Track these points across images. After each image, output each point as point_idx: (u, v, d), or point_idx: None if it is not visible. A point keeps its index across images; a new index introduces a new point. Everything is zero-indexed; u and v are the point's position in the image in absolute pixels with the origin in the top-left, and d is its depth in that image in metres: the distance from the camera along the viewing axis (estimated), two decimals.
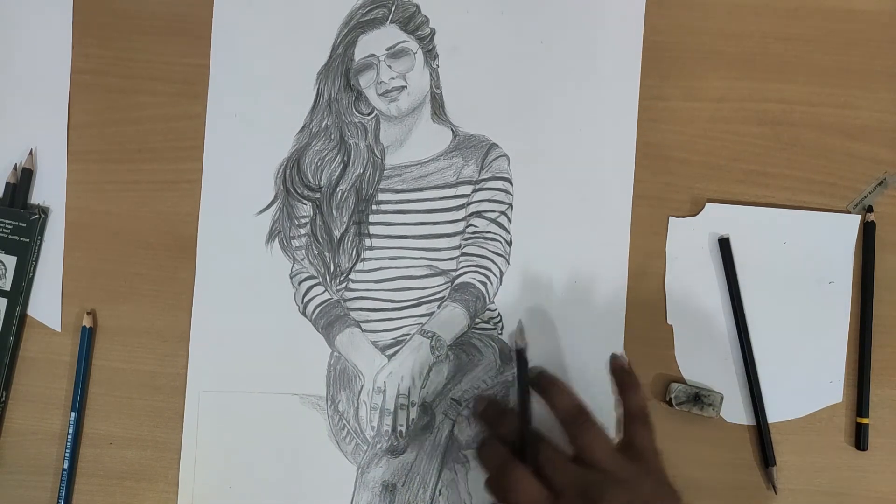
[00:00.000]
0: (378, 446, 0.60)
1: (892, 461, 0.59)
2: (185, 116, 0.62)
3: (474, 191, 0.61)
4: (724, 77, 0.61)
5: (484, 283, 0.61)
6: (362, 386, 0.60)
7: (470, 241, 0.61)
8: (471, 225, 0.61)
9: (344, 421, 0.60)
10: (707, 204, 0.61)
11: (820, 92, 0.61)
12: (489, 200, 0.61)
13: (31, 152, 0.62)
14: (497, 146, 0.61)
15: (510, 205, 0.61)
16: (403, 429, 0.60)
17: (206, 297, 0.61)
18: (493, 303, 0.61)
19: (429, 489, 0.59)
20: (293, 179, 0.61)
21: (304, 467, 0.60)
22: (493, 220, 0.61)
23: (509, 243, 0.61)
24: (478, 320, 0.61)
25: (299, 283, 0.61)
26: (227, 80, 0.62)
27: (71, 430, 0.60)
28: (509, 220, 0.61)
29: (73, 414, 0.60)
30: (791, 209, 0.60)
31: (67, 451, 0.60)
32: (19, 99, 0.63)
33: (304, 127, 0.62)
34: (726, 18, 0.61)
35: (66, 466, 0.60)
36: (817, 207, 0.61)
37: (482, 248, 0.61)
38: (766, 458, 0.59)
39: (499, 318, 0.61)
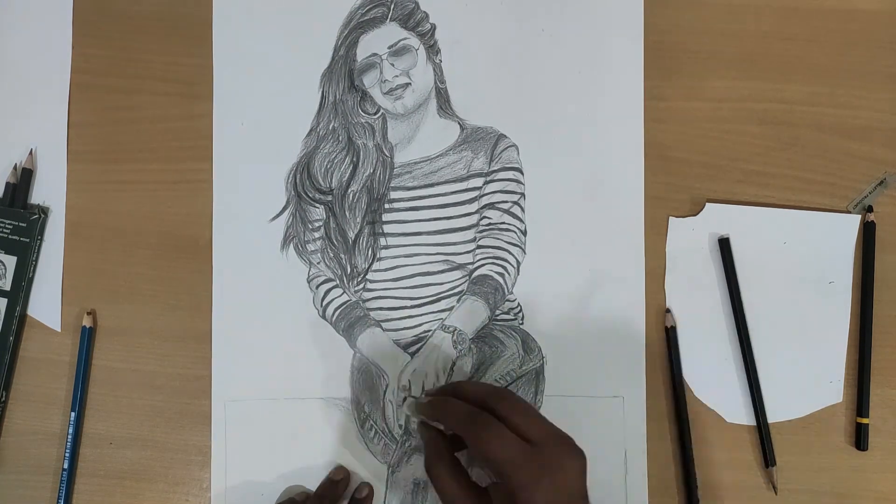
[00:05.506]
0: (407, 444, 0.60)
1: (892, 461, 0.59)
2: (185, 116, 0.62)
3: (486, 182, 0.61)
4: (724, 77, 0.61)
5: (502, 275, 0.60)
6: (387, 385, 0.60)
7: (485, 234, 0.61)
8: (484, 217, 0.61)
9: (371, 421, 0.60)
10: (707, 204, 0.61)
11: (820, 92, 0.61)
12: (501, 191, 0.61)
13: (31, 152, 0.62)
14: (505, 136, 0.61)
15: (522, 194, 0.61)
16: None
17: (225, 306, 0.61)
18: (512, 293, 0.61)
19: None
20: (304, 184, 0.61)
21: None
22: (507, 211, 0.61)
23: (524, 233, 0.61)
24: (498, 312, 0.61)
25: (317, 287, 0.61)
26: (231, 88, 0.62)
27: (71, 430, 0.60)
28: (522, 210, 0.61)
29: (73, 414, 0.60)
30: (791, 209, 0.60)
31: (67, 451, 0.60)
32: (19, 99, 0.63)
33: (311, 130, 0.62)
34: (726, 18, 0.61)
35: (66, 466, 0.60)
36: (817, 207, 0.61)
37: (497, 239, 0.61)
38: (766, 458, 0.59)
39: (519, 308, 0.60)
